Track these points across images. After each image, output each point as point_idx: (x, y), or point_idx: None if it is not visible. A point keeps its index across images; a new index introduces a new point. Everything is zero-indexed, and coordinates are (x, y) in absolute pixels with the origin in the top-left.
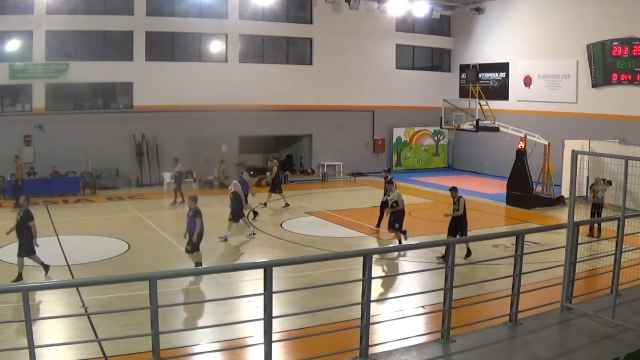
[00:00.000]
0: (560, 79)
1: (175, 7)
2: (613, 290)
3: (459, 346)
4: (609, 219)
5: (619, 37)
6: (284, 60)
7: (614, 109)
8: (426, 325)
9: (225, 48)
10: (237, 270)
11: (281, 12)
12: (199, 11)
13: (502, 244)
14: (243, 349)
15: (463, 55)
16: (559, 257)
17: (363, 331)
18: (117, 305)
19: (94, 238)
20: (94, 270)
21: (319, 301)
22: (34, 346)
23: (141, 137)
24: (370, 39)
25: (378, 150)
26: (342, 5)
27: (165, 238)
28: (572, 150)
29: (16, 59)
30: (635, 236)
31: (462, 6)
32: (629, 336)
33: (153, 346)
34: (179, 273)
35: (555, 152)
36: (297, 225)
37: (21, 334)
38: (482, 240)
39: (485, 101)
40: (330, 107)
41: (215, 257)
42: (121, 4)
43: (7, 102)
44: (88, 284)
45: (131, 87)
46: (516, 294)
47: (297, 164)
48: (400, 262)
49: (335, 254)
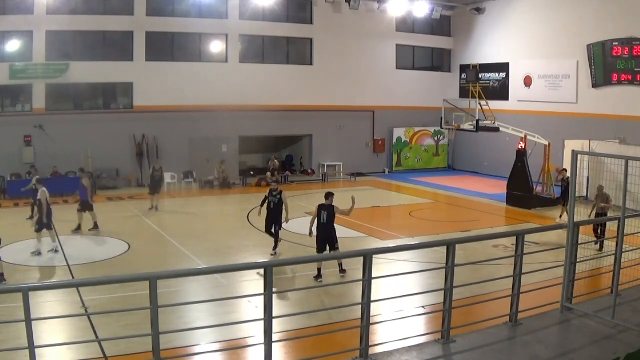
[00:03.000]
0: (560, 79)
1: (175, 7)
2: (613, 290)
3: (459, 346)
4: (609, 219)
5: (619, 37)
6: (284, 60)
7: (614, 109)
8: (426, 325)
9: (225, 48)
10: (237, 270)
11: (281, 12)
12: (199, 11)
13: (502, 244)
14: (243, 349)
15: (463, 55)
16: (559, 257)
17: (363, 331)
18: (117, 305)
19: (94, 238)
20: (94, 270)
21: (319, 301)
22: (34, 346)
23: (141, 137)
24: (370, 39)
25: (378, 150)
26: (342, 5)
27: (165, 238)
28: (572, 150)
29: (16, 59)
30: (635, 236)
31: (462, 6)
32: (629, 336)
33: (153, 346)
34: (179, 273)
35: (555, 152)
36: (297, 225)
37: (21, 334)
38: (482, 240)
39: (485, 101)
40: (330, 107)
41: (215, 257)
42: (121, 4)
43: (7, 102)
44: (88, 284)
45: (131, 87)
46: (516, 294)
47: (297, 164)
48: (400, 262)
49: (335, 254)
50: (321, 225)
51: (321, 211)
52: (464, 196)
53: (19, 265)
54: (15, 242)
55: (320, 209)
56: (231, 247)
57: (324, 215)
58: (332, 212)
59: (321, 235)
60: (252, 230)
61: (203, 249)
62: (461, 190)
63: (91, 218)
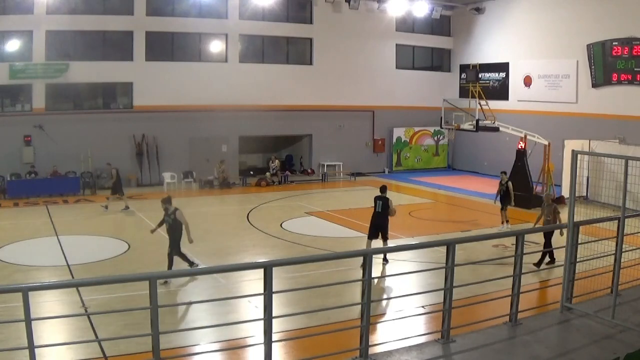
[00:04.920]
0: (560, 79)
1: (175, 7)
2: (613, 290)
3: (459, 346)
4: (609, 219)
5: (619, 37)
6: (284, 60)
7: (614, 109)
8: (426, 325)
9: (225, 48)
10: (237, 270)
11: (281, 12)
12: (199, 11)
13: (502, 244)
14: (243, 349)
15: (463, 55)
16: (559, 257)
17: (363, 331)
18: (117, 305)
19: (94, 238)
20: (94, 270)
21: (319, 301)
22: (34, 346)
23: (141, 137)
24: (370, 39)
25: (378, 150)
26: (342, 5)
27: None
28: (572, 150)
29: (16, 59)
30: (635, 236)
31: (462, 6)
32: (629, 336)
33: (153, 346)
34: (179, 273)
35: (555, 152)
36: (297, 225)
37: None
38: (482, 240)
39: (485, 101)
40: (330, 107)
41: (215, 257)
42: (121, 4)
43: (7, 102)
44: (88, 284)
45: (131, 87)
46: (516, 294)
47: (297, 164)
48: (400, 262)
49: (335, 254)
50: (377, 213)
51: (377, 201)
52: (464, 196)
53: (19, 265)
54: (16, 242)
55: (377, 199)
56: (231, 247)
57: (379, 205)
58: (387, 204)
59: (375, 222)
60: (252, 230)
61: (203, 249)
62: (461, 190)
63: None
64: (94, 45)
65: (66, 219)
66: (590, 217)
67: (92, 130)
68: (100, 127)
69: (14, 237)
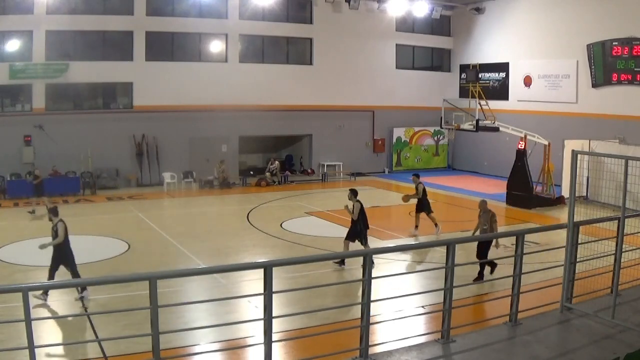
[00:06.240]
0: (560, 79)
1: (175, 7)
2: (613, 290)
3: (459, 346)
4: (609, 219)
5: (619, 37)
6: (284, 60)
7: (614, 109)
8: (426, 325)
9: (225, 48)
10: (237, 270)
11: (281, 12)
12: (199, 11)
13: (502, 244)
14: (243, 349)
15: (463, 55)
16: (559, 257)
17: (363, 331)
18: (117, 305)
19: (94, 238)
20: (94, 270)
21: (319, 301)
22: (34, 346)
23: (141, 137)
24: (370, 39)
25: (378, 150)
26: (342, 5)
27: (165, 238)
28: (572, 150)
29: (16, 59)
30: (635, 236)
31: (462, 6)
32: (629, 336)
33: (153, 346)
34: (179, 273)
35: (555, 152)
36: (297, 225)
37: (21, 334)
38: (482, 241)
39: (485, 101)
40: (330, 107)
41: (215, 257)
42: (121, 4)
43: (7, 102)
44: (88, 284)
45: (131, 87)
46: (516, 294)
47: (297, 164)
48: (400, 262)
49: (335, 254)
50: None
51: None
52: (464, 196)
53: (19, 265)
54: (16, 242)
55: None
56: (231, 247)
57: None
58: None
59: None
60: (252, 230)
61: (203, 248)
62: (461, 190)
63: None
64: (94, 45)
65: (66, 219)
66: (590, 217)
67: (92, 130)
68: (100, 127)
69: (14, 237)
